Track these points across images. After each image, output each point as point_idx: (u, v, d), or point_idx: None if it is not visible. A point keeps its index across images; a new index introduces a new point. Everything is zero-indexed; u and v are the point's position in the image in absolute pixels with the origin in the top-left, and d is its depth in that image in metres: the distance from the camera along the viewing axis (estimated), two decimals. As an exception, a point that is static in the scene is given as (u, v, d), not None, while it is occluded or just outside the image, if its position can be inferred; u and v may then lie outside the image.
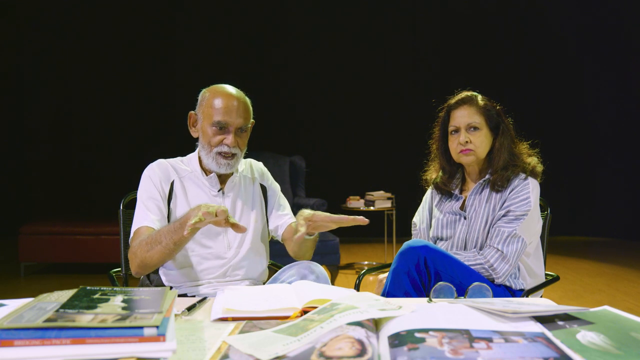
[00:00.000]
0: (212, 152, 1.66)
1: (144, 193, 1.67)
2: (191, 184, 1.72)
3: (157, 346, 0.79)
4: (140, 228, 1.60)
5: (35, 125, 6.44)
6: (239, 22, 6.54)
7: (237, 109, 1.65)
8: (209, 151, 1.66)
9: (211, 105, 1.65)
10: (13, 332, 0.77)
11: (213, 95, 1.67)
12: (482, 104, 1.85)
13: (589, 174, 6.77)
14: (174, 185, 1.70)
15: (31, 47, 6.30)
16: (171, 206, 1.68)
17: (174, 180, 1.71)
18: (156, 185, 1.67)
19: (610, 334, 0.87)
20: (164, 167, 1.72)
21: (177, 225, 1.45)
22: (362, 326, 0.90)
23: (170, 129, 5.67)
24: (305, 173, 5.33)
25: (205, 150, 1.68)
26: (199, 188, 1.72)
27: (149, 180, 1.68)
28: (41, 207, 6.25)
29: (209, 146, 1.66)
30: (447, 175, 1.96)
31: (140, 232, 1.59)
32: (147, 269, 1.56)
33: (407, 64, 6.75)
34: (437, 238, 1.93)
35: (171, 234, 1.46)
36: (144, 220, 1.61)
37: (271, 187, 1.87)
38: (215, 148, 1.65)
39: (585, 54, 6.66)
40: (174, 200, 1.69)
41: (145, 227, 1.59)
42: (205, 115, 1.66)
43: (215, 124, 1.64)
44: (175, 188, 1.70)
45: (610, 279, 4.53)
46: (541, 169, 1.86)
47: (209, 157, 1.67)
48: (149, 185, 1.68)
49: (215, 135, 1.64)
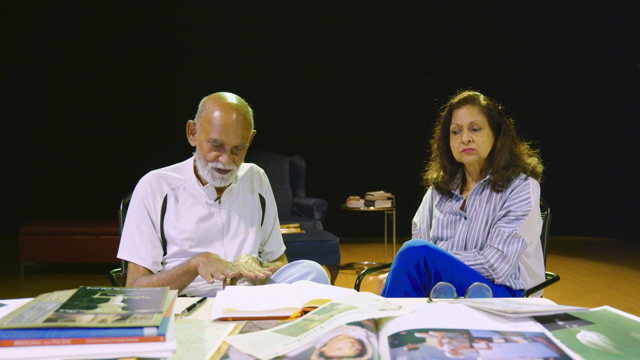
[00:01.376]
0: (208, 166, 1.63)
1: (133, 219, 1.67)
2: (186, 195, 1.70)
3: (157, 346, 0.79)
4: (137, 266, 1.63)
5: (35, 126, 6.44)
6: (239, 22, 6.54)
7: (235, 128, 1.58)
8: (204, 164, 1.64)
9: (209, 120, 1.59)
10: (13, 332, 0.77)
11: (212, 107, 1.60)
12: (484, 104, 1.85)
13: (589, 174, 6.77)
14: (167, 199, 1.68)
15: (32, 47, 6.30)
16: (164, 221, 1.67)
17: (167, 194, 1.69)
18: (147, 207, 1.66)
19: (610, 334, 0.87)
20: (156, 182, 1.69)
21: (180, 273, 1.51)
22: (362, 326, 0.90)
23: (170, 129, 5.68)
24: (305, 173, 5.33)
25: (201, 163, 1.65)
26: (194, 198, 1.70)
27: (141, 202, 1.67)
28: (41, 207, 6.25)
29: (204, 160, 1.63)
30: (448, 175, 1.96)
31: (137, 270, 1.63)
32: None
33: (407, 64, 6.74)
34: (437, 238, 1.93)
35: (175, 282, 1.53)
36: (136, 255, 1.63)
37: (270, 201, 1.86)
38: (211, 163, 1.62)
39: (586, 54, 6.66)
40: (167, 215, 1.67)
41: (142, 267, 1.63)
42: (202, 129, 1.62)
43: (211, 140, 1.59)
44: (168, 202, 1.68)
45: (610, 279, 4.53)
46: (541, 169, 1.86)
47: (204, 170, 1.65)
48: (140, 207, 1.66)
49: (211, 152, 1.61)
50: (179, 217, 1.67)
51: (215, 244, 1.69)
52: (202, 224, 1.68)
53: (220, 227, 1.70)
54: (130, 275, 1.64)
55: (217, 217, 1.70)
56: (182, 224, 1.67)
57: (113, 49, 6.38)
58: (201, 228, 1.67)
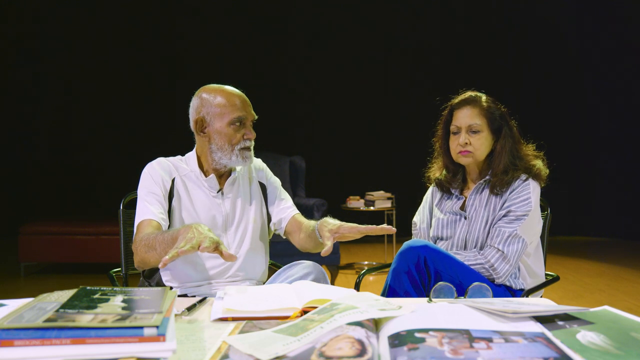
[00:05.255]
0: (235, 150, 1.64)
1: (143, 189, 1.65)
2: (192, 183, 1.71)
3: (157, 346, 0.79)
4: (143, 221, 1.58)
5: (35, 125, 6.44)
6: (238, 22, 6.54)
7: (248, 103, 1.68)
8: (230, 151, 1.64)
9: (223, 105, 1.63)
10: (13, 332, 0.77)
11: (216, 94, 1.65)
12: (486, 106, 1.84)
13: (589, 174, 6.77)
14: (175, 182, 1.69)
15: (31, 47, 6.30)
16: (173, 204, 1.67)
17: (175, 177, 1.69)
18: (157, 182, 1.66)
19: (610, 334, 0.87)
20: (165, 165, 1.70)
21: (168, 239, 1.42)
22: (362, 326, 0.90)
23: (170, 128, 5.67)
24: (305, 173, 5.33)
25: (223, 151, 1.65)
26: (198, 188, 1.71)
27: (149, 177, 1.67)
28: (41, 207, 6.25)
29: (229, 145, 1.64)
30: (450, 174, 1.96)
31: (143, 225, 1.57)
32: (147, 266, 1.55)
33: (408, 64, 6.75)
34: (437, 238, 1.93)
35: (164, 245, 1.42)
36: (145, 213, 1.59)
37: (271, 183, 1.86)
38: (238, 145, 1.64)
39: (586, 54, 6.66)
40: (176, 198, 1.67)
41: (148, 220, 1.57)
42: (218, 116, 1.64)
43: (235, 120, 1.63)
44: (176, 185, 1.68)
45: (610, 279, 4.53)
46: (546, 172, 1.84)
47: (231, 156, 1.65)
48: (149, 181, 1.66)
49: (236, 133, 1.64)
50: (185, 203, 1.67)
51: (218, 234, 1.68)
52: (206, 214, 1.68)
53: (224, 218, 1.70)
54: (137, 233, 1.56)
55: (222, 207, 1.71)
56: (187, 210, 1.67)
57: (114, 49, 6.38)
58: (206, 218, 1.67)
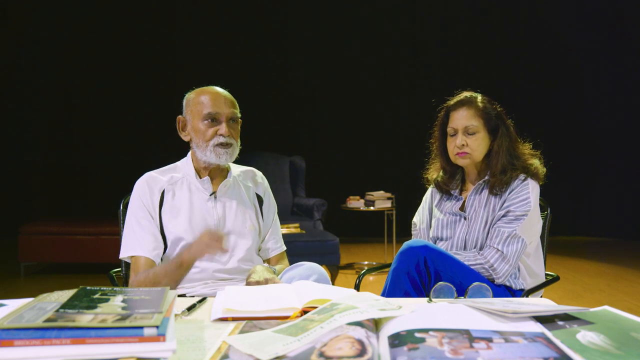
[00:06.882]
0: (209, 146, 1.65)
1: (133, 216, 1.67)
2: (183, 190, 1.71)
3: (157, 346, 0.79)
4: (139, 258, 1.61)
5: (35, 126, 6.43)
6: (238, 21, 6.54)
7: (224, 100, 1.68)
8: (205, 147, 1.66)
9: (199, 102, 1.67)
10: (13, 332, 0.77)
11: (198, 94, 1.69)
12: (482, 106, 1.84)
13: (589, 174, 6.77)
14: (165, 194, 1.70)
15: (31, 47, 6.30)
16: (163, 216, 1.68)
17: (165, 189, 1.70)
18: (145, 204, 1.67)
19: (610, 334, 0.87)
20: (152, 180, 1.71)
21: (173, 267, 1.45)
22: (362, 326, 0.90)
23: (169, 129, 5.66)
24: (305, 173, 5.33)
25: (200, 148, 1.67)
26: (191, 192, 1.71)
27: (138, 199, 1.68)
28: (41, 207, 6.25)
29: (204, 142, 1.66)
30: (447, 175, 1.96)
31: (138, 263, 1.61)
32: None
33: (407, 64, 6.74)
34: (437, 238, 1.93)
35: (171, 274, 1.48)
36: (138, 247, 1.62)
37: (269, 202, 1.86)
38: (211, 141, 1.65)
39: (586, 54, 6.66)
40: (165, 208, 1.69)
41: (144, 258, 1.61)
42: (194, 114, 1.68)
43: (206, 116, 1.65)
44: (165, 197, 1.70)
45: (610, 279, 4.53)
46: (544, 171, 1.85)
47: (206, 152, 1.66)
48: (139, 205, 1.67)
49: (208, 129, 1.65)
50: (177, 211, 1.68)
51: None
52: (198, 217, 1.69)
53: (216, 221, 1.71)
54: (132, 271, 1.62)
55: (214, 211, 1.71)
56: (180, 217, 1.67)
57: (113, 49, 6.37)
58: (198, 221, 1.68)
